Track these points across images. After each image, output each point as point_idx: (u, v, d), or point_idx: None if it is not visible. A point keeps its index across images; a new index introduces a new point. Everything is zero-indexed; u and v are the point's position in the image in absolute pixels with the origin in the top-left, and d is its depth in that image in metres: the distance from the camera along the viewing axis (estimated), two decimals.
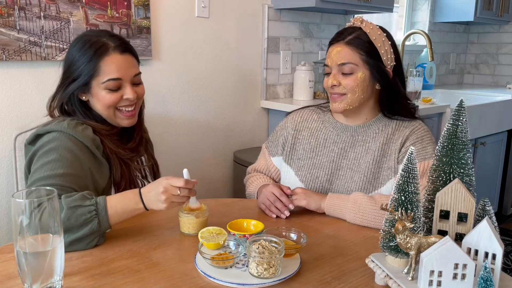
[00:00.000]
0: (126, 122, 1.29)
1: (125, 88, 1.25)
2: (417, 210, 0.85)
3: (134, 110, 1.28)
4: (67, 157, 1.14)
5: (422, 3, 3.38)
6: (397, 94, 1.34)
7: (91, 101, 1.26)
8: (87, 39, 1.24)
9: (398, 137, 1.33)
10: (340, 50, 1.29)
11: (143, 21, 1.83)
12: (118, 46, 1.23)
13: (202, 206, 1.15)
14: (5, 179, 1.58)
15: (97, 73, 1.21)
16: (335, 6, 2.19)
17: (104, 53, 1.21)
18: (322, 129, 1.42)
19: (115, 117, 1.28)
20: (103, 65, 1.21)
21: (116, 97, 1.24)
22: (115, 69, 1.22)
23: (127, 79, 1.25)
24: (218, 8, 2.09)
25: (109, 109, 1.25)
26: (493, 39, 3.71)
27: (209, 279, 0.90)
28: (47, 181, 1.08)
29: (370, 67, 1.29)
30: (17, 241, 0.81)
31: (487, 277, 0.74)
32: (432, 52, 2.80)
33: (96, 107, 1.26)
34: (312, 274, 0.94)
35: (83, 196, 1.03)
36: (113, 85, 1.23)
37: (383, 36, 1.30)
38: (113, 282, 0.89)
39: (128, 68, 1.25)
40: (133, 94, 1.25)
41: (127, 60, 1.25)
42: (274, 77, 2.36)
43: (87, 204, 1.01)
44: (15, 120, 1.57)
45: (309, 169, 1.40)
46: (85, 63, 1.21)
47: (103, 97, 1.23)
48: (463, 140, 0.87)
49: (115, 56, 1.22)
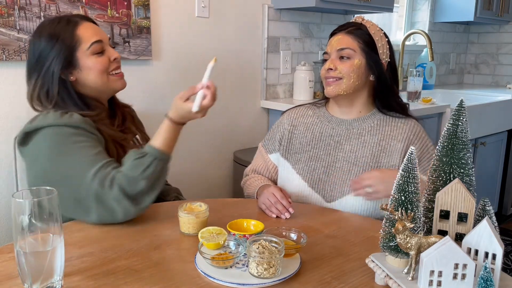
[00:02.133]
0: (120, 83, 1.31)
1: (108, 51, 1.27)
2: (417, 210, 0.85)
3: (121, 71, 1.32)
4: (76, 141, 1.14)
5: (422, 3, 3.38)
6: (389, 88, 1.39)
7: (81, 76, 1.24)
8: (50, 23, 1.24)
9: (398, 134, 1.37)
10: (341, 38, 1.37)
11: (143, 21, 1.83)
12: (82, 17, 1.27)
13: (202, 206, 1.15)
14: (5, 179, 1.58)
15: (79, 43, 1.22)
16: (335, 6, 2.19)
17: (76, 23, 1.23)
18: (318, 123, 1.46)
19: (109, 82, 1.28)
20: (80, 33, 1.22)
21: (105, 59, 1.26)
22: (93, 32, 1.24)
23: (106, 41, 1.28)
24: (218, 8, 2.09)
25: (103, 75, 1.26)
26: (493, 39, 3.71)
27: (209, 279, 0.90)
28: (87, 171, 1.10)
29: (366, 55, 1.35)
30: (17, 241, 0.81)
31: (487, 277, 0.74)
32: (432, 52, 2.81)
33: (88, 79, 1.25)
34: (312, 274, 0.94)
35: (136, 159, 1.11)
36: (98, 47, 1.24)
37: (381, 33, 1.39)
38: (113, 282, 0.89)
39: (101, 31, 1.28)
40: (117, 54, 1.29)
41: (95, 26, 1.28)
42: (274, 77, 2.36)
43: (148, 162, 1.11)
44: (15, 120, 1.57)
45: (306, 161, 1.42)
46: (62, 40, 1.21)
47: (95, 63, 1.24)
48: (463, 140, 0.87)
49: (86, 24, 1.25)
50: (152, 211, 1.26)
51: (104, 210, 1.10)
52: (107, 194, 1.09)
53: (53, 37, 1.21)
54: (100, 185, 1.09)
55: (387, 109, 1.41)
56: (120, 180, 1.10)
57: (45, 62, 1.21)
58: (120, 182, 1.10)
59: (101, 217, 1.11)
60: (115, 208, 1.10)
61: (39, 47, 1.22)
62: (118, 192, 1.09)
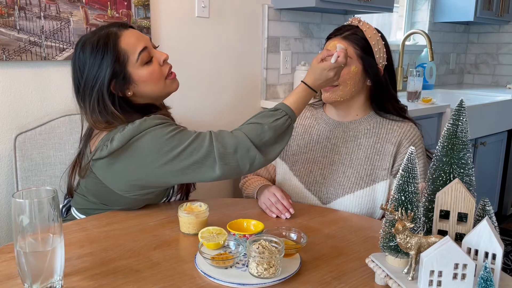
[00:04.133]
0: (175, 85, 1.29)
1: (155, 55, 1.23)
2: (417, 210, 0.85)
3: (173, 71, 1.28)
4: (175, 129, 1.16)
5: (422, 3, 3.38)
6: (387, 92, 1.39)
7: (138, 89, 1.21)
8: (91, 41, 1.17)
9: (392, 137, 1.37)
10: (337, 43, 1.34)
11: (143, 21, 1.83)
12: (119, 26, 1.21)
13: (202, 206, 1.16)
14: (5, 179, 1.58)
15: (126, 57, 1.17)
16: (335, 6, 2.19)
17: (116, 37, 1.17)
18: (315, 126, 1.47)
19: (165, 87, 1.25)
20: (124, 46, 1.17)
21: (156, 67, 1.22)
22: (135, 41, 1.19)
23: (149, 44, 1.23)
24: (218, 8, 2.09)
25: (159, 82, 1.23)
26: (493, 39, 3.71)
27: (209, 279, 0.90)
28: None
29: (363, 62, 1.34)
30: (17, 241, 0.81)
31: (487, 277, 0.74)
32: (432, 52, 2.80)
33: (146, 91, 1.22)
34: (312, 274, 0.94)
35: (266, 111, 1.19)
36: (146, 56, 1.19)
37: (378, 36, 1.37)
38: (113, 282, 0.89)
39: (142, 36, 1.22)
40: (165, 54, 1.25)
41: (134, 32, 1.22)
42: (274, 77, 2.36)
43: (280, 115, 1.17)
44: (15, 120, 1.57)
45: (303, 163, 1.43)
46: (105, 57, 1.15)
47: (148, 73, 1.20)
48: (463, 140, 0.87)
49: (125, 33, 1.19)
50: (152, 211, 1.26)
51: (227, 163, 1.12)
52: (231, 147, 1.12)
53: (98, 57, 1.15)
54: (220, 141, 1.13)
55: (384, 112, 1.42)
56: (246, 129, 1.16)
57: (95, 85, 1.16)
58: (246, 131, 1.15)
59: (225, 170, 1.13)
60: (242, 159, 1.13)
61: (86, 69, 1.17)
62: (245, 139, 1.13)
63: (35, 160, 1.53)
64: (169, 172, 1.14)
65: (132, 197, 1.21)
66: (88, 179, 1.22)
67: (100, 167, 1.18)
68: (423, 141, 1.41)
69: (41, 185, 1.53)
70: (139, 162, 1.14)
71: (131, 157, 1.14)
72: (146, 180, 1.17)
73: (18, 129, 1.53)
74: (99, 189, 1.22)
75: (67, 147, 1.58)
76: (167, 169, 1.13)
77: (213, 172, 1.13)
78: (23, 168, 1.51)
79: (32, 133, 1.53)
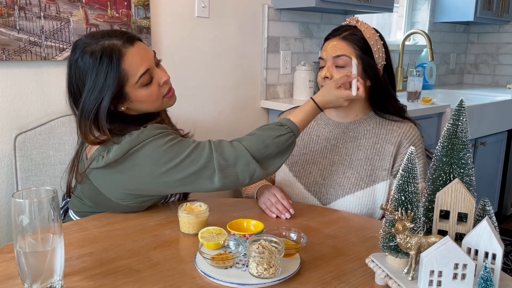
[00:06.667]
0: (172, 101, 1.26)
1: (156, 76, 1.19)
2: (417, 210, 0.85)
3: (171, 88, 1.25)
4: (173, 138, 1.15)
5: (422, 3, 3.38)
6: (386, 92, 1.39)
7: (132, 106, 1.18)
8: (93, 50, 1.12)
9: (391, 137, 1.37)
10: (336, 44, 1.34)
11: (143, 21, 1.83)
12: (125, 40, 1.14)
13: (202, 206, 1.15)
14: (5, 179, 1.58)
15: (126, 78, 1.13)
16: (335, 6, 2.19)
17: (119, 55, 1.12)
18: (315, 126, 1.47)
19: (162, 105, 1.24)
20: (126, 67, 1.12)
21: (155, 89, 1.18)
22: (139, 62, 1.14)
23: (152, 65, 1.18)
24: (218, 8, 2.09)
25: (155, 102, 1.20)
26: (493, 39, 3.71)
27: (209, 279, 0.90)
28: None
29: (362, 62, 1.34)
30: (17, 241, 0.81)
31: (487, 277, 0.74)
32: (432, 52, 2.80)
33: (141, 108, 1.20)
34: (312, 274, 0.94)
35: (271, 125, 1.20)
36: (146, 79, 1.15)
37: (376, 36, 1.37)
38: (113, 282, 0.89)
39: (146, 55, 1.17)
40: (167, 75, 1.22)
41: (139, 48, 1.16)
42: (274, 77, 2.36)
43: (285, 131, 1.18)
44: (15, 120, 1.57)
45: (303, 164, 1.43)
46: (108, 76, 1.11)
47: (145, 95, 1.17)
48: (463, 140, 0.87)
49: (130, 51, 1.13)
50: (152, 211, 1.26)
51: (227, 176, 1.12)
52: (231, 159, 1.12)
53: (101, 74, 1.11)
54: (220, 152, 1.13)
55: (383, 112, 1.42)
56: (247, 141, 1.15)
57: (93, 104, 1.12)
58: (247, 144, 1.15)
59: (224, 182, 1.12)
60: (242, 172, 1.13)
61: (85, 81, 1.13)
62: (245, 152, 1.13)
63: (35, 160, 1.53)
64: (166, 183, 1.13)
65: (129, 204, 1.21)
66: (85, 185, 1.22)
67: (96, 176, 1.18)
68: (423, 141, 1.41)
69: (41, 185, 1.52)
70: (137, 173, 1.13)
71: (129, 168, 1.13)
72: (143, 190, 1.17)
73: (18, 129, 1.52)
74: (96, 196, 1.21)
75: (67, 147, 1.58)
76: (164, 180, 1.13)
77: (212, 184, 1.12)
78: (23, 168, 1.51)
79: (32, 133, 1.52)
